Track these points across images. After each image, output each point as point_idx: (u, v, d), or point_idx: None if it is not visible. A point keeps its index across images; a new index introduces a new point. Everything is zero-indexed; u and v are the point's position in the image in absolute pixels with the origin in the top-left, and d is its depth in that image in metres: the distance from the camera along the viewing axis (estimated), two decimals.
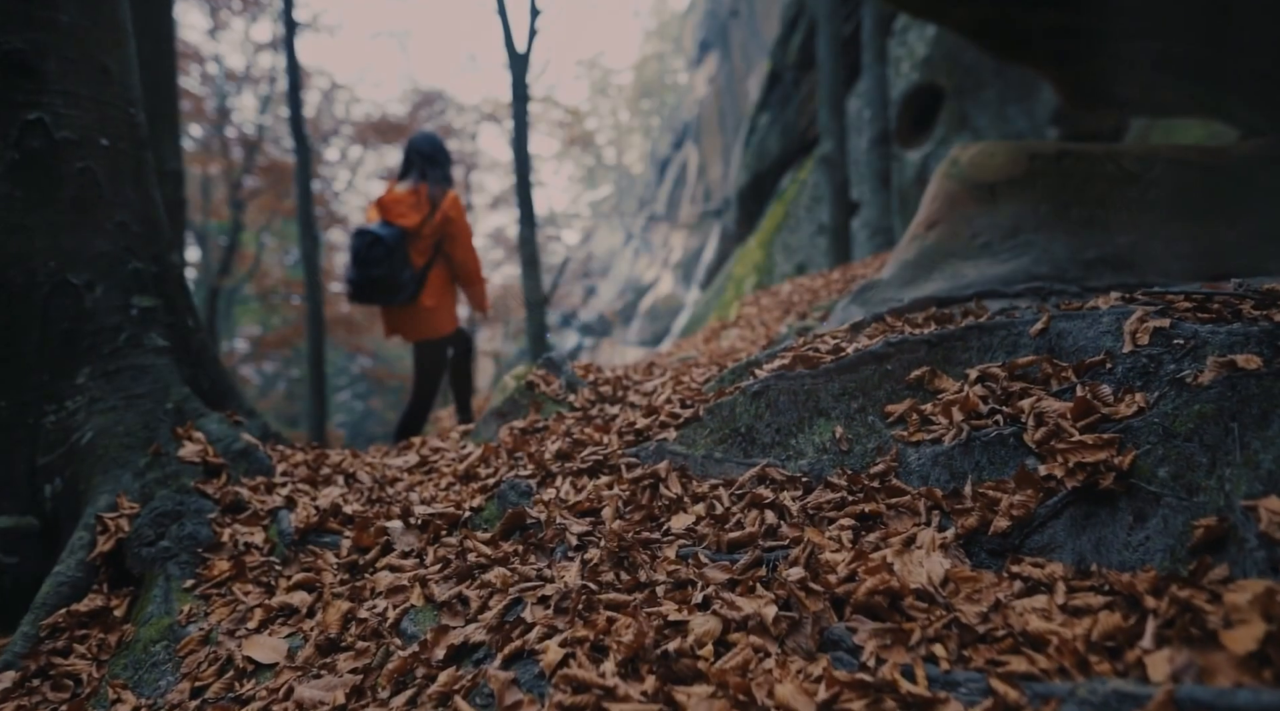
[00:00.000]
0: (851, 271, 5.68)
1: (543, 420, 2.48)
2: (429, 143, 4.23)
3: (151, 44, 5.34)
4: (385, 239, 3.88)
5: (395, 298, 3.95)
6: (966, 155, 3.17)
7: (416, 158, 4.16)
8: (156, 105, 5.35)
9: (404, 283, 3.93)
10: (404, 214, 3.99)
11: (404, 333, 4.17)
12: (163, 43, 5.49)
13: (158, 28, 5.44)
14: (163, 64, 5.47)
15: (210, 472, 2.12)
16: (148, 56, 5.33)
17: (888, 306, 2.86)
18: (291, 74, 13.71)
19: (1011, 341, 1.73)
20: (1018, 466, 1.40)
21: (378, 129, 20.74)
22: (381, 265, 3.88)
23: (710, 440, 1.90)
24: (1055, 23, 4.61)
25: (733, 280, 18.97)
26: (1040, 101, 12.73)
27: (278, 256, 27.09)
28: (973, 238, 2.94)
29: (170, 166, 5.46)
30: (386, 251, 3.88)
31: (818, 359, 1.88)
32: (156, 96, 5.35)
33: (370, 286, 3.92)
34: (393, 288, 3.92)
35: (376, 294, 3.96)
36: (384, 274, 3.88)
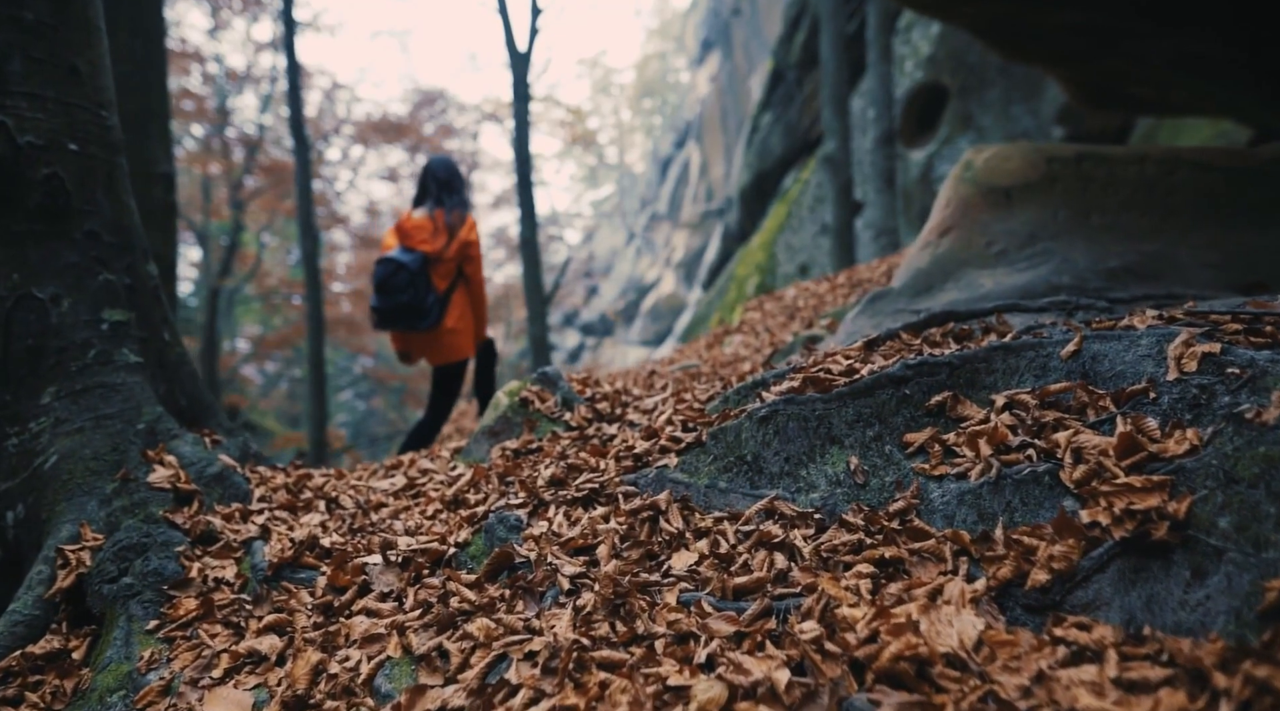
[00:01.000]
0: (857, 275, 5.55)
1: (537, 440, 2.35)
2: (444, 168, 4.26)
3: (143, 44, 5.23)
4: (408, 265, 3.93)
5: (421, 323, 3.99)
6: (981, 158, 3.03)
7: (432, 184, 4.20)
8: (148, 106, 5.24)
9: (428, 308, 3.99)
10: (424, 240, 4.03)
11: (428, 357, 4.18)
12: (154, 42, 5.36)
13: (149, 27, 5.31)
14: (154, 64, 5.34)
15: (181, 500, 1.99)
16: (139, 56, 5.24)
17: (900, 319, 2.73)
18: (291, 74, 13.61)
19: (1040, 364, 1.60)
20: (1054, 509, 1.26)
21: (378, 129, 20.64)
22: (406, 291, 3.93)
23: (714, 468, 1.77)
24: (1072, 20, 4.47)
25: (735, 280, 18.85)
26: (1045, 100, 12.62)
27: (279, 256, 27.01)
28: (988, 245, 2.80)
29: (162, 169, 5.33)
30: (410, 278, 3.94)
31: (830, 381, 1.75)
32: (148, 97, 5.23)
33: (396, 313, 3.96)
34: (418, 313, 3.97)
35: (402, 320, 3.99)
36: (409, 300, 3.93)
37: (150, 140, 5.25)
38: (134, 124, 5.15)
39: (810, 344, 3.61)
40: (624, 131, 56.98)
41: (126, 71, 5.10)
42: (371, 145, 21.25)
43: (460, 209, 4.17)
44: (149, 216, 5.24)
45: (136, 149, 5.15)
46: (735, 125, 34.36)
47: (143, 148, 5.17)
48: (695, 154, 39.54)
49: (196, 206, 20.80)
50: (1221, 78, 5.03)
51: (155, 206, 5.26)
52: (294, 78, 13.64)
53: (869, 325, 2.76)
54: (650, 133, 54.56)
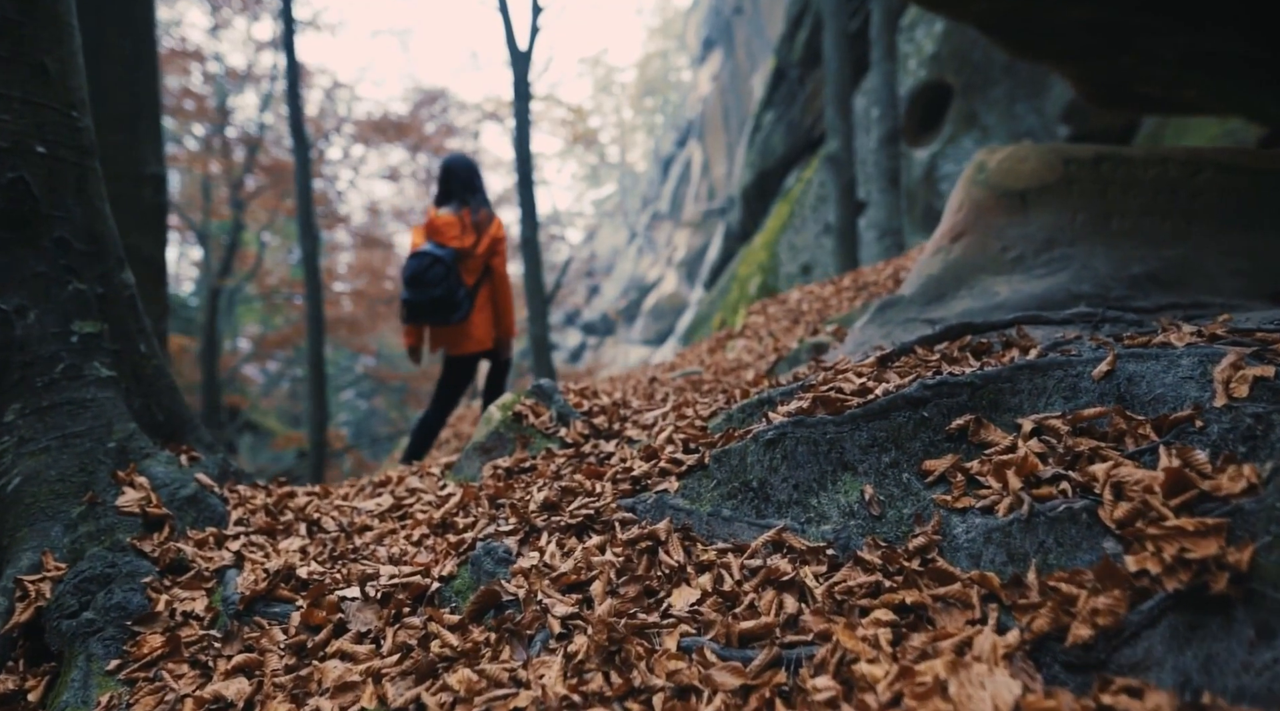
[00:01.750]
0: (862, 278, 5.43)
1: (530, 458, 2.23)
2: (465, 168, 4.37)
3: (132, 43, 5.11)
4: (443, 259, 4.04)
5: (453, 316, 4.10)
6: (994, 160, 2.91)
7: (456, 185, 4.31)
8: (137, 106, 5.12)
9: (459, 301, 4.10)
10: (454, 237, 4.13)
11: (449, 347, 4.29)
12: (143, 41, 5.24)
13: (138, 26, 5.19)
14: (143, 63, 5.22)
15: (151, 525, 1.87)
16: (128, 55, 5.12)
17: (912, 329, 2.61)
18: (291, 73, 13.50)
19: (1070, 385, 1.48)
20: (1094, 551, 1.14)
21: (379, 128, 20.52)
22: (440, 285, 4.04)
23: (717, 494, 1.65)
24: (1084, 16, 4.35)
25: (737, 280, 18.73)
26: (1050, 98, 12.49)
27: (281, 256, 26.89)
28: (1003, 251, 2.68)
29: (151, 169, 5.21)
30: (445, 271, 4.05)
31: (842, 402, 1.63)
32: (136, 97, 5.11)
33: (430, 306, 4.06)
34: (451, 306, 4.08)
35: (434, 313, 4.09)
36: (443, 294, 4.04)
37: (139, 140, 5.13)
38: (122, 124, 5.04)
39: (817, 352, 3.49)
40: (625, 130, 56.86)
41: (114, 71, 4.99)
42: (372, 144, 21.13)
43: (485, 207, 4.30)
44: (138, 218, 5.14)
45: (125, 150, 5.05)
46: (737, 124, 34.23)
47: (131, 148, 5.06)
48: (697, 153, 39.42)
49: (197, 206, 20.71)
50: (1237, 75, 4.90)
51: (145, 208, 5.15)
52: (293, 77, 13.53)
53: (879, 335, 2.63)
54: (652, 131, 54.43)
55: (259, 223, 20.53)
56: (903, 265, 5.45)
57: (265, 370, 28.58)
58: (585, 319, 46.06)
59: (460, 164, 4.40)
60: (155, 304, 5.28)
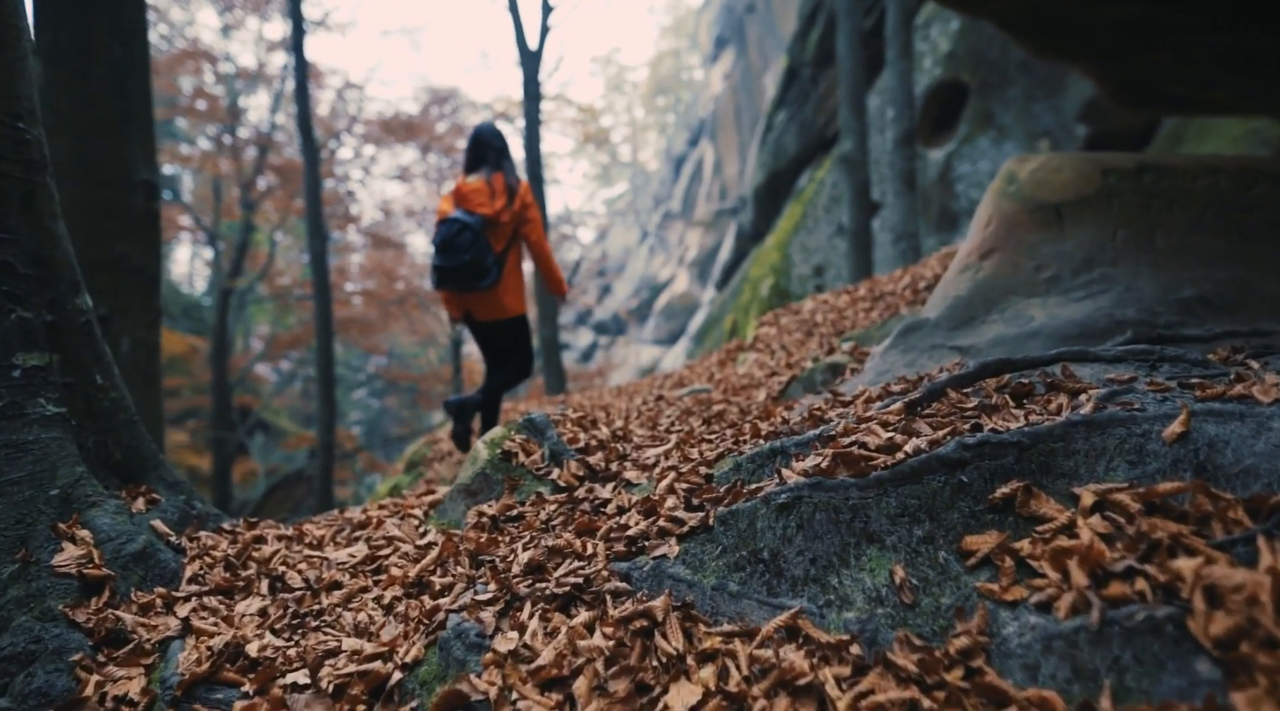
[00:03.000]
0: (879, 287, 5.20)
1: (519, 504, 2.02)
2: (498, 136, 4.42)
3: (121, 45, 4.93)
4: (471, 225, 4.09)
5: (481, 282, 4.12)
6: (1026, 170, 2.68)
7: (489, 151, 4.35)
8: (127, 110, 4.94)
9: (488, 267, 4.12)
10: (483, 203, 4.18)
11: (478, 312, 4.31)
12: (133, 43, 5.06)
13: (128, 28, 5.01)
14: (134, 66, 5.04)
15: (89, 588, 1.68)
16: (116, 58, 4.94)
17: (939, 356, 2.39)
18: (299, 73, 13.39)
19: (1135, 447, 1.26)
20: (1184, 674, 0.93)
21: (389, 128, 20.38)
22: (469, 251, 4.08)
23: (723, 563, 1.44)
24: (1117, 15, 4.11)
25: (749, 281, 18.51)
26: (1068, 97, 12.23)
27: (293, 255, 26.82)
28: (1037, 270, 2.45)
29: (142, 176, 5.04)
30: (473, 237, 4.10)
31: (865, 461, 1.41)
32: (126, 101, 4.94)
33: (459, 272, 4.08)
34: (480, 272, 4.10)
35: (464, 279, 4.11)
36: (471, 259, 4.07)
37: (129, 146, 4.96)
38: (111, 129, 4.87)
39: (833, 374, 3.28)
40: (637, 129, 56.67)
41: (102, 74, 4.82)
42: (383, 144, 21.00)
43: (515, 173, 4.35)
44: (128, 226, 4.97)
45: (113, 155, 4.87)
46: (749, 123, 34.01)
47: (120, 154, 4.88)
48: (709, 152, 39.21)
49: (209, 206, 20.65)
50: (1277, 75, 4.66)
51: (135, 215, 4.97)
52: (302, 77, 13.41)
53: (902, 363, 2.42)
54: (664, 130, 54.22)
55: (271, 223, 20.42)
56: (920, 273, 5.22)
57: (278, 369, 28.57)
58: (597, 318, 45.95)
59: (490, 131, 4.45)
60: (147, 314, 5.12)
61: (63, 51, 4.72)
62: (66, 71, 4.75)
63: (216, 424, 17.10)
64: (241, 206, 18.27)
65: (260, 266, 20.77)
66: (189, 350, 20.72)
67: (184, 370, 21.72)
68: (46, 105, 4.74)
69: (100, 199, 4.83)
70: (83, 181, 4.79)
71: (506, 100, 20.17)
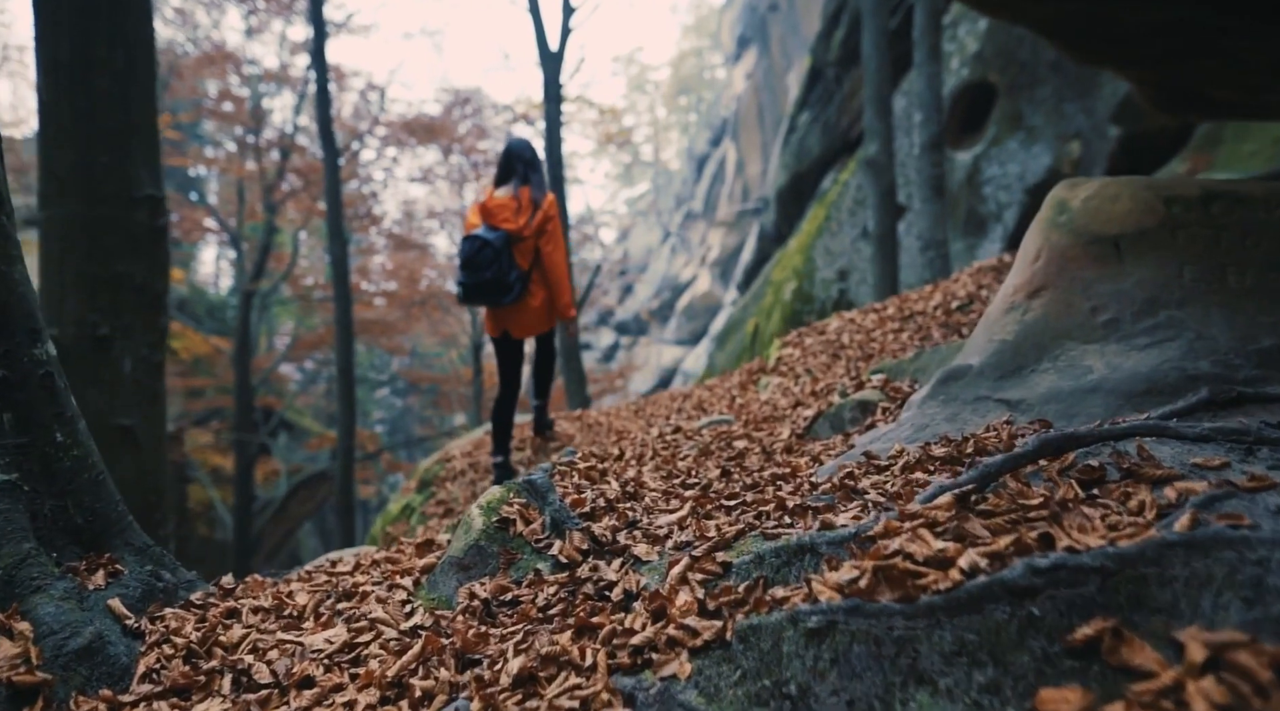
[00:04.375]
0: (908, 305, 4.96)
1: (514, 585, 1.82)
2: (529, 149, 4.52)
3: (124, 55, 4.79)
4: (493, 242, 4.16)
5: (504, 298, 4.22)
6: (1078, 197, 2.44)
7: (519, 164, 4.43)
8: (129, 122, 4.80)
9: (511, 283, 4.21)
10: (508, 219, 4.26)
11: (511, 328, 4.43)
12: (138, 53, 4.92)
13: (132, 36, 4.87)
14: (137, 77, 4.90)
15: (19, 698, 1.49)
16: (119, 68, 4.79)
17: (985, 411, 2.15)
18: (320, 77, 13.33)
19: (1251, 579, 1.03)
20: None
21: (411, 129, 20.31)
22: (490, 268, 4.15)
23: (742, 694, 1.22)
24: (1167, 19, 3.85)
25: (772, 285, 18.26)
26: (1100, 98, 11.89)
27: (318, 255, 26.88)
28: (1093, 312, 2.21)
29: (146, 191, 4.90)
30: (494, 255, 4.16)
31: (912, 579, 1.19)
32: (129, 113, 4.79)
33: (481, 289, 4.19)
34: (501, 289, 4.20)
35: (486, 295, 4.23)
36: (493, 277, 4.16)
37: (132, 160, 4.82)
38: (113, 143, 4.72)
39: (863, 412, 3.05)
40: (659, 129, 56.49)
41: (104, 86, 4.67)
42: (405, 146, 20.93)
43: (544, 187, 4.43)
44: (130, 244, 4.82)
45: (115, 171, 4.73)
46: (772, 122, 33.71)
47: (123, 169, 4.74)
48: (731, 152, 38.95)
49: (233, 209, 20.69)
50: None
51: (138, 232, 4.84)
52: (323, 81, 13.34)
53: (942, 416, 2.18)
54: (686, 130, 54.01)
55: (294, 224, 20.41)
56: (952, 291, 4.97)
57: (302, 368, 28.68)
58: (618, 318, 45.87)
59: (520, 144, 4.53)
60: (150, 333, 4.97)
61: (63, 64, 4.57)
62: (67, 84, 4.60)
63: (238, 426, 17.10)
64: (264, 208, 18.26)
65: (284, 267, 20.77)
66: (213, 351, 20.77)
67: (208, 371, 21.83)
68: (47, 119, 4.61)
69: (102, 215, 4.69)
70: (84, 197, 4.65)
71: (527, 102, 20.01)
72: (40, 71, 4.53)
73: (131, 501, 4.77)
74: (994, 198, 13.04)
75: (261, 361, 22.29)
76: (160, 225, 5.00)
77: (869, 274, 12.91)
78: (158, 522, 4.94)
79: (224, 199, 23.93)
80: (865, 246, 14.27)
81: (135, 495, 4.76)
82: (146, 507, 4.83)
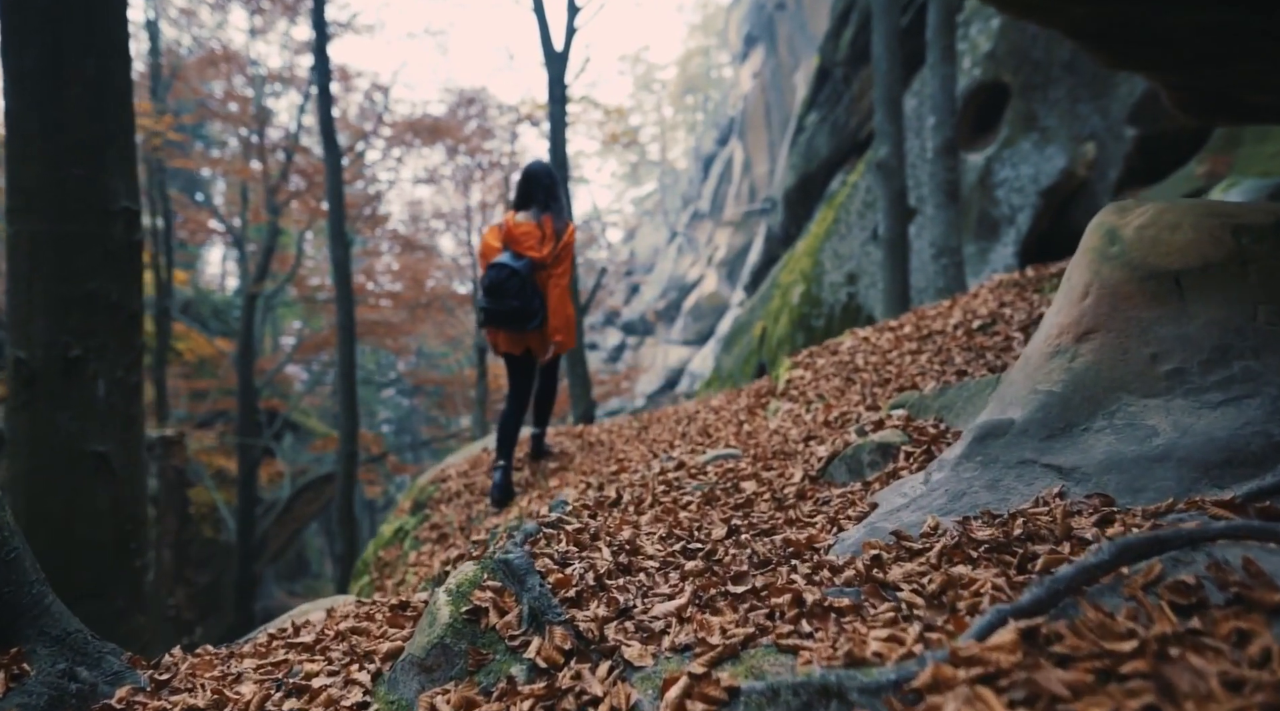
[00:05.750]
0: (925, 323, 4.67)
1: (483, 695, 1.54)
2: (549, 175, 4.52)
3: (97, 61, 4.53)
4: (520, 271, 4.21)
5: (529, 325, 4.31)
6: (1130, 225, 2.15)
7: (539, 191, 4.44)
8: (104, 132, 4.55)
9: (535, 311, 4.28)
10: (532, 247, 4.31)
11: (533, 346, 4.52)
12: (113, 59, 4.66)
13: (105, 42, 4.61)
14: (112, 84, 4.64)
15: None
16: (91, 76, 4.54)
17: (1031, 478, 1.87)
18: (321, 78, 13.13)
19: None
20: None
21: (416, 129, 20.11)
22: (516, 297, 4.21)
23: None
24: (1212, 21, 3.55)
25: (779, 288, 18.00)
26: (1116, 98, 11.59)
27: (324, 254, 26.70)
28: (1154, 360, 1.92)
29: (121, 204, 4.64)
30: (521, 283, 4.22)
31: None
32: (103, 122, 4.54)
33: (506, 316, 4.26)
34: (526, 316, 4.27)
35: (511, 322, 4.29)
36: (520, 305, 4.22)
37: (107, 172, 4.56)
38: (86, 154, 4.47)
39: (882, 455, 2.76)
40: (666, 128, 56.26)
41: (76, 96, 4.42)
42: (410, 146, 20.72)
43: (566, 217, 4.47)
44: (104, 260, 4.55)
45: (88, 183, 4.47)
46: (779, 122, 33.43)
47: (96, 181, 4.49)
48: (738, 151, 38.69)
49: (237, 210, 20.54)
50: None
51: (113, 248, 4.58)
52: (324, 82, 13.14)
53: (981, 482, 1.90)
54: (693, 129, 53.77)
55: (299, 225, 20.22)
56: (972, 308, 4.69)
57: (309, 367, 28.57)
58: (625, 319, 45.70)
59: (543, 170, 4.52)
60: (126, 353, 4.72)
61: (30, 73, 4.32)
62: (35, 94, 4.35)
63: (242, 429, 16.93)
64: (268, 210, 18.06)
65: (288, 269, 20.62)
66: (217, 354, 20.64)
67: (212, 373, 21.73)
68: (13, 131, 4.36)
69: (73, 231, 4.44)
70: (54, 213, 4.40)
71: (532, 102, 19.76)
72: (6, 80, 4.28)
73: (105, 533, 4.55)
74: (1007, 200, 12.76)
75: (266, 363, 22.16)
76: (136, 240, 4.75)
77: (879, 278, 12.64)
78: (133, 553, 4.70)
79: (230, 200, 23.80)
80: (875, 250, 14.00)
81: (109, 526, 4.52)
82: (121, 539, 4.59)
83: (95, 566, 4.49)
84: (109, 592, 4.54)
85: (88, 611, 4.54)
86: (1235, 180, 8.51)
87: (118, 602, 4.56)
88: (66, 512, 4.39)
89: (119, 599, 4.58)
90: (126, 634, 4.55)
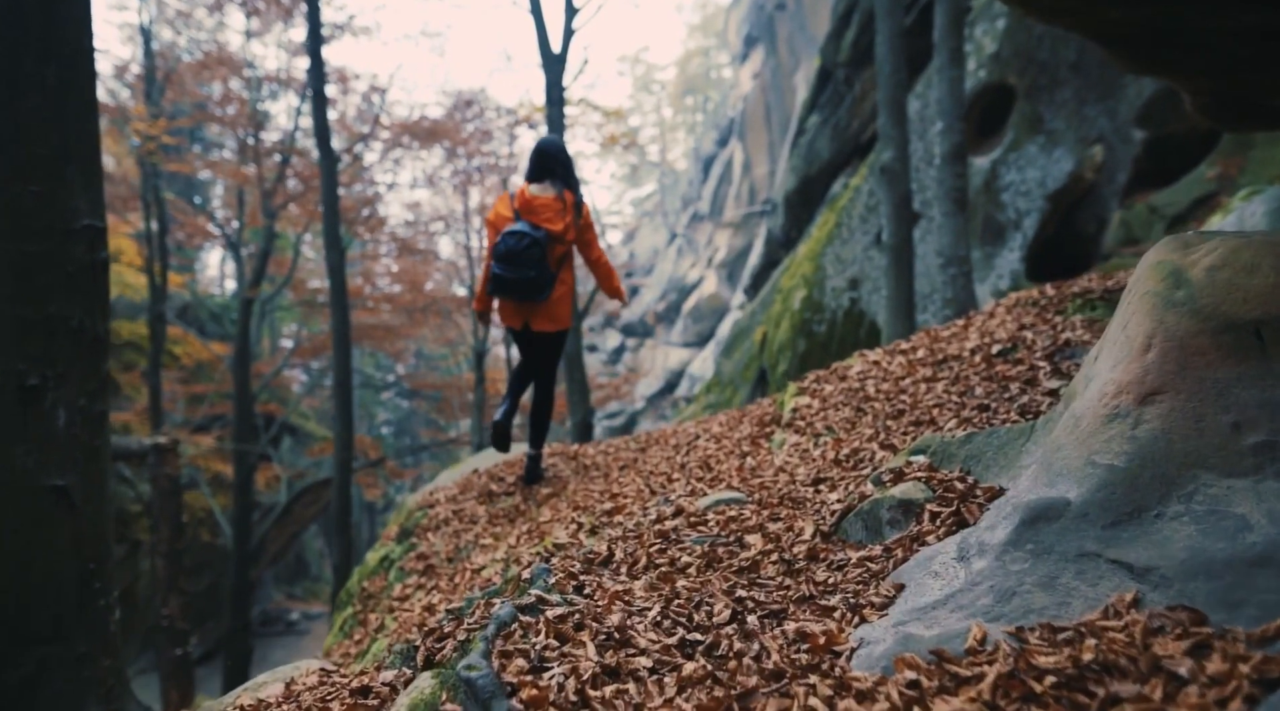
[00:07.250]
0: (939, 347, 4.38)
1: None
2: (563, 151, 4.52)
3: (58, 70, 4.24)
4: (540, 240, 4.19)
5: (539, 296, 4.29)
6: (1199, 267, 1.85)
7: (555, 164, 4.43)
8: (64, 145, 4.24)
9: (546, 282, 4.28)
10: (550, 219, 4.29)
11: (534, 322, 4.49)
12: (75, 68, 4.35)
13: (66, 49, 4.30)
14: (73, 94, 4.34)
15: None
16: (50, 85, 4.24)
17: (1090, 571, 1.57)
18: (316, 81, 12.88)
19: None
20: None
21: (413, 131, 19.84)
22: (535, 266, 4.19)
23: None
24: (1255, 23, 3.27)
25: (780, 292, 17.72)
26: (1124, 100, 11.29)
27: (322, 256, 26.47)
28: (1236, 430, 1.63)
29: (84, 222, 4.34)
30: (540, 253, 4.20)
31: None
32: (64, 135, 4.24)
33: (520, 285, 4.22)
34: (539, 286, 4.26)
35: (524, 292, 4.26)
36: (536, 275, 4.20)
37: (69, 188, 4.25)
38: (45, 170, 4.15)
39: (904, 513, 2.47)
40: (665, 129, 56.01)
41: (34, 106, 4.11)
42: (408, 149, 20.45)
43: (580, 193, 4.48)
44: (64, 281, 4.24)
45: (47, 200, 4.16)
46: (779, 123, 33.16)
47: (56, 198, 4.18)
48: (738, 152, 38.43)
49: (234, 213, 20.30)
50: None
51: (76, 269, 4.27)
52: (318, 85, 12.89)
53: (1033, 579, 1.60)
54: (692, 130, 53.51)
55: (297, 227, 19.93)
56: (990, 331, 4.40)
57: (308, 370, 28.35)
58: (624, 320, 45.42)
59: (556, 144, 4.52)
60: (90, 380, 4.40)
61: None
62: None
63: (238, 434, 16.65)
64: (264, 214, 17.78)
65: (286, 272, 20.36)
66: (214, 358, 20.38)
67: (209, 377, 21.50)
68: None
69: (31, 251, 4.13)
70: (9, 232, 4.08)
71: (530, 105, 19.47)
72: None
73: (65, 571, 4.25)
74: (1013, 205, 12.47)
75: (263, 367, 21.92)
76: (100, 259, 4.45)
77: (882, 284, 12.35)
78: (97, 593, 4.40)
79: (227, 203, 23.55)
80: (878, 255, 13.70)
81: (70, 564, 4.22)
82: (82, 578, 4.30)
83: (54, 608, 4.20)
84: (69, 636, 4.25)
85: (45, 657, 4.22)
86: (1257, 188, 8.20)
87: (78, 647, 4.27)
88: (22, 550, 4.09)
89: (80, 643, 4.28)
90: (88, 680, 4.26)
